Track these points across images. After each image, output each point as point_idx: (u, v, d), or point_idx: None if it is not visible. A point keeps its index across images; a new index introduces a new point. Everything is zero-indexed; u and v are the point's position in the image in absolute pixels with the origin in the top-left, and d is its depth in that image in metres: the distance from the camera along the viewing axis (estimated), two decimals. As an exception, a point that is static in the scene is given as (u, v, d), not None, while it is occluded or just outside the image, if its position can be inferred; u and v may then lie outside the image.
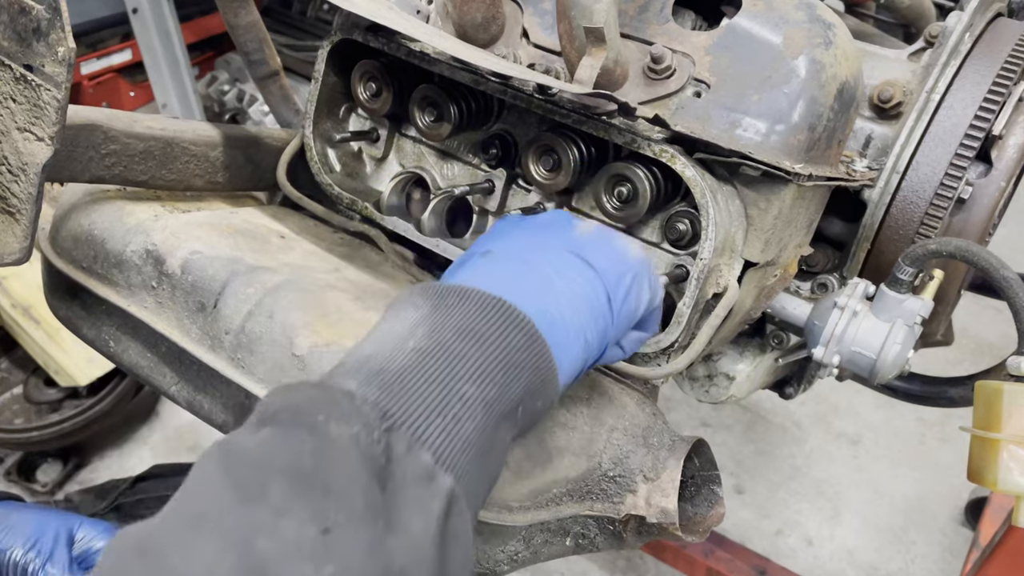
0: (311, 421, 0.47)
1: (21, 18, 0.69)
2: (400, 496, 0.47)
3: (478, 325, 0.55)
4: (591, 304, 0.63)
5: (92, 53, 2.67)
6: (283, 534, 0.42)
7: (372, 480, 0.46)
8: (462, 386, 0.52)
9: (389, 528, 0.45)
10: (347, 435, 0.46)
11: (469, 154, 0.94)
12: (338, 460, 0.46)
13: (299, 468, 0.45)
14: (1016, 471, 0.80)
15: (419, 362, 0.52)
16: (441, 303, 0.57)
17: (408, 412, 0.50)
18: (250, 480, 0.44)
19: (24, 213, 0.74)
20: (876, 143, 0.94)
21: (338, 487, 0.45)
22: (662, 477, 0.71)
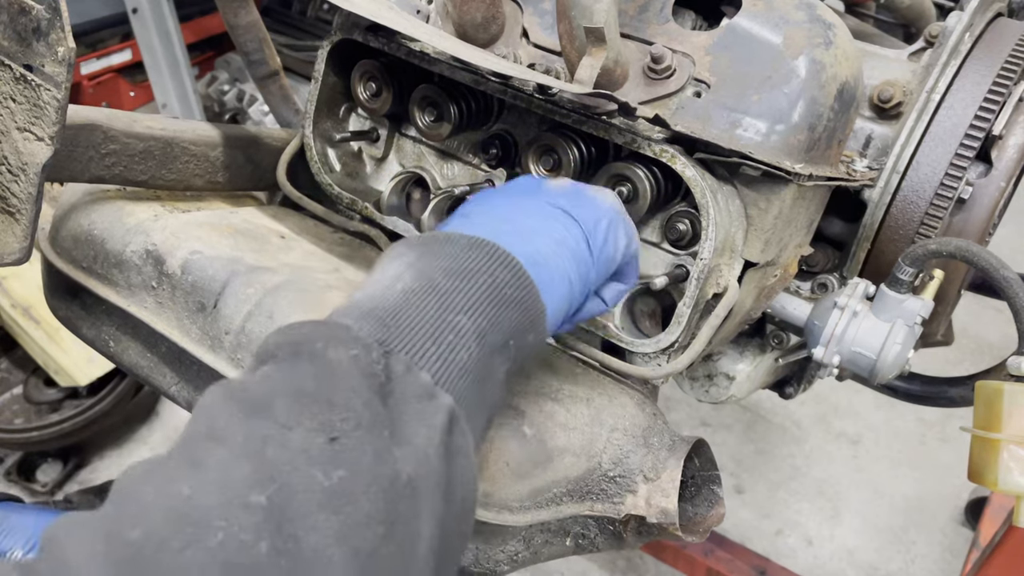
0: (310, 349, 0.49)
1: (21, 18, 0.69)
2: (402, 410, 0.48)
3: (465, 264, 0.57)
4: (572, 248, 0.64)
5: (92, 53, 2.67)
6: (292, 443, 0.43)
7: (374, 395, 0.47)
8: (454, 317, 0.54)
9: (394, 438, 0.47)
10: (346, 357, 0.48)
11: (469, 154, 0.93)
12: (340, 377, 0.47)
13: (302, 388, 0.46)
14: (1016, 471, 0.80)
15: (409, 300, 0.54)
16: (427, 250, 0.58)
17: (404, 340, 0.52)
18: (255, 401, 0.46)
19: (24, 213, 0.74)
20: (876, 143, 0.94)
21: (341, 401, 0.46)
22: (662, 477, 0.71)
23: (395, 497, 0.45)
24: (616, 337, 0.80)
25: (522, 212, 0.65)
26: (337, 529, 0.42)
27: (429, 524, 0.47)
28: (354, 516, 0.43)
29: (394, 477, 0.46)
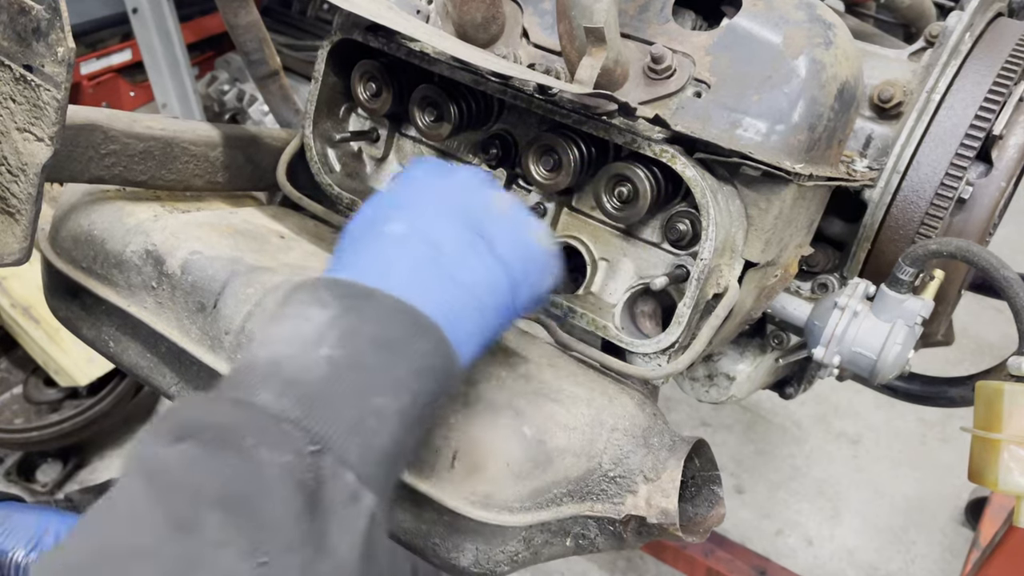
0: (238, 444, 0.47)
1: (21, 18, 0.69)
2: (329, 520, 0.48)
3: (388, 333, 0.56)
4: (494, 298, 0.63)
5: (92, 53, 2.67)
6: (221, 567, 0.43)
7: (303, 509, 0.47)
8: (378, 399, 0.53)
9: (319, 553, 0.46)
10: (279, 463, 0.47)
11: (469, 154, 0.93)
12: (273, 489, 0.46)
13: (233, 497, 0.45)
14: (1016, 471, 0.80)
15: (334, 374, 0.53)
16: (351, 306, 0.56)
17: (329, 431, 0.50)
18: (184, 510, 0.44)
19: (24, 213, 0.74)
20: (876, 143, 0.94)
21: (273, 519, 0.45)
22: (662, 477, 0.71)
23: None
24: (616, 337, 0.80)
25: (452, 238, 0.62)
26: None
27: None
28: None
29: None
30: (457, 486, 0.68)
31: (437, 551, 0.70)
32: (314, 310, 0.56)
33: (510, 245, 0.65)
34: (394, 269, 0.59)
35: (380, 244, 0.62)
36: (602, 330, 0.81)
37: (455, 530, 0.69)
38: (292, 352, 0.53)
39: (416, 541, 0.70)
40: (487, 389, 0.71)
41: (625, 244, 0.85)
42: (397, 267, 0.60)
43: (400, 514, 0.71)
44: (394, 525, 0.71)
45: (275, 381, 0.52)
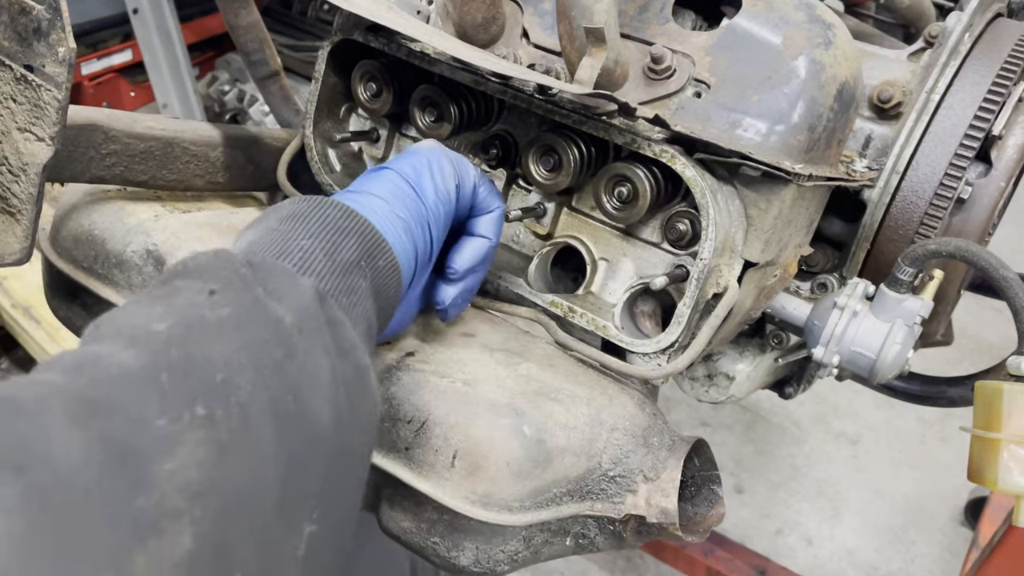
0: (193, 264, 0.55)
1: (22, 18, 0.69)
2: (271, 279, 0.54)
3: (296, 210, 0.63)
4: (394, 191, 0.69)
5: (92, 53, 2.67)
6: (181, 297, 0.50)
7: (243, 267, 0.54)
8: (300, 242, 0.60)
9: (269, 294, 0.52)
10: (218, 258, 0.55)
11: (469, 154, 0.94)
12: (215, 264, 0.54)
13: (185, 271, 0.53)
14: (1016, 471, 0.80)
15: (257, 241, 0.60)
16: (258, 217, 0.64)
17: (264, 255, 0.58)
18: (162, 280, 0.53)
19: (24, 213, 0.74)
20: (876, 143, 0.94)
21: (216, 272, 0.53)
22: (662, 477, 0.71)
23: (284, 333, 0.51)
24: (616, 337, 0.80)
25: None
26: (238, 345, 0.48)
27: (326, 359, 0.52)
28: (249, 338, 0.49)
29: (278, 320, 0.51)
30: (457, 485, 0.68)
31: (437, 550, 0.70)
32: (268, 212, 0.65)
33: (395, 160, 0.73)
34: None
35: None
36: (602, 330, 0.81)
37: (455, 529, 0.69)
38: (257, 233, 0.61)
39: (416, 540, 0.71)
40: (487, 389, 0.71)
41: (625, 244, 0.86)
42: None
43: (400, 514, 0.71)
44: (394, 525, 0.72)
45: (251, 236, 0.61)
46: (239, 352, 0.47)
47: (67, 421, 0.39)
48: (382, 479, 0.71)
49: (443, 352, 0.76)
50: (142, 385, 0.43)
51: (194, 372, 0.45)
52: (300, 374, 0.50)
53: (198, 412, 0.43)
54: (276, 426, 0.46)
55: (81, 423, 0.39)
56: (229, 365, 0.46)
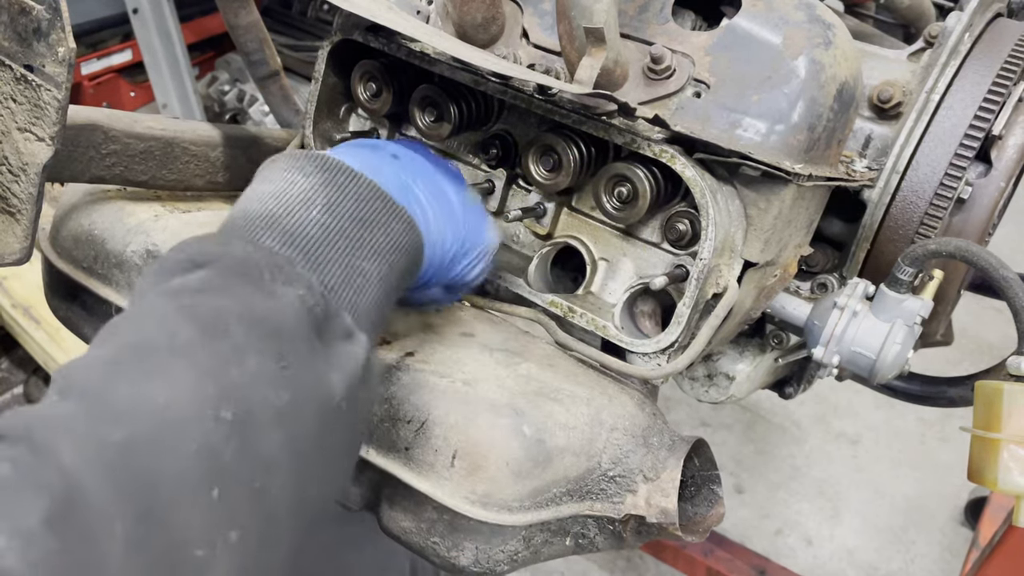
0: (257, 276, 0.54)
1: (21, 18, 0.69)
2: (332, 350, 0.56)
3: (369, 213, 0.63)
4: (444, 207, 0.72)
5: (92, 53, 2.67)
6: (249, 366, 0.49)
7: (312, 332, 0.54)
8: (361, 263, 0.60)
9: (329, 367, 0.54)
10: (293, 294, 0.54)
11: (469, 154, 0.94)
12: (287, 312, 0.53)
13: (255, 316, 0.52)
14: (1016, 471, 0.80)
15: (324, 236, 0.59)
16: (333, 180, 0.62)
17: (327, 279, 0.58)
18: (212, 319, 0.50)
19: (24, 213, 0.74)
20: (876, 143, 0.94)
21: (289, 334, 0.52)
22: (662, 477, 0.71)
23: (328, 415, 0.54)
24: (616, 337, 0.80)
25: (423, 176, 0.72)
26: (283, 440, 0.49)
27: (349, 435, 0.58)
28: (296, 430, 0.51)
29: (328, 398, 0.54)
30: (457, 485, 0.68)
31: (437, 550, 0.70)
32: (298, 177, 0.62)
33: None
34: (368, 167, 0.66)
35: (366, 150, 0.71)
36: (602, 330, 0.81)
37: (455, 529, 0.69)
38: (286, 211, 0.59)
39: (416, 540, 0.71)
40: (487, 389, 0.71)
41: (625, 244, 0.86)
42: (370, 167, 0.67)
43: (400, 513, 0.71)
44: (394, 525, 0.72)
45: (277, 232, 0.58)
46: (282, 450, 0.49)
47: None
48: (382, 479, 0.71)
49: (443, 352, 0.76)
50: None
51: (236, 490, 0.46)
52: (326, 457, 0.55)
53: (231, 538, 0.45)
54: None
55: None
56: (272, 461, 0.49)
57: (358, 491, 0.74)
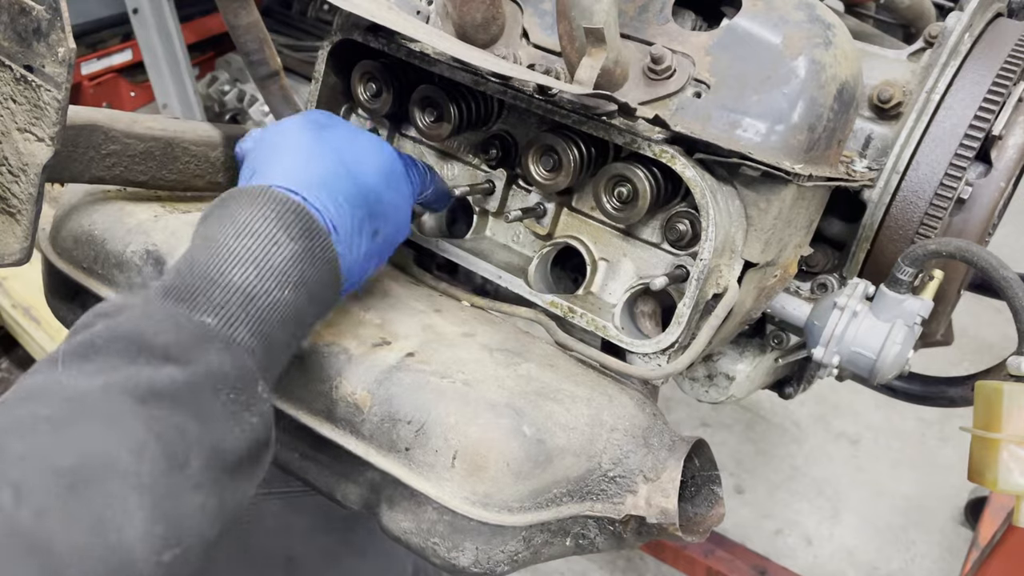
0: (225, 397, 0.54)
1: (21, 18, 0.69)
2: (260, 464, 0.59)
3: (323, 291, 0.65)
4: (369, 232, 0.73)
5: (92, 53, 2.67)
6: (196, 504, 0.51)
7: (253, 461, 0.57)
8: (295, 344, 0.65)
9: (253, 486, 0.58)
10: (250, 425, 0.56)
11: (469, 154, 0.94)
12: (242, 448, 0.55)
13: (214, 448, 0.53)
14: (1016, 471, 0.80)
15: (285, 321, 0.61)
16: (310, 249, 0.63)
17: (274, 369, 0.62)
18: (174, 449, 0.50)
19: (24, 214, 0.74)
20: (876, 143, 0.94)
21: (240, 470, 0.55)
22: (662, 477, 0.71)
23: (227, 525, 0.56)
24: (616, 337, 0.80)
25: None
26: (202, 560, 0.52)
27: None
28: (217, 548, 0.53)
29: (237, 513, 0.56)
30: (457, 486, 0.68)
31: (437, 551, 0.70)
32: (282, 236, 0.62)
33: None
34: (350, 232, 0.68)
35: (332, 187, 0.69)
36: (602, 330, 0.81)
37: (455, 530, 0.69)
38: (264, 291, 0.60)
39: (416, 541, 0.71)
40: (487, 389, 0.71)
41: (625, 244, 0.86)
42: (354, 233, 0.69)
43: (400, 514, 0.71)
44: (394, 525, 0.72)
45: (251, 318, 0.59)
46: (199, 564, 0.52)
47: None
48: (382, 479, 0.71)
49: (443, 352, 0.76)
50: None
51: None
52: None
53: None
54: None
55: None
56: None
57: (358, 491, 0.74)
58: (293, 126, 0.73)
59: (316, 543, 1.13)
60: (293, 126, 0.73)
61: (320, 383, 0.73)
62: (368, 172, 0.72)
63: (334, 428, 0.73)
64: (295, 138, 0.71)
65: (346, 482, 0.74)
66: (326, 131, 0.72)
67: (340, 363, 0.73)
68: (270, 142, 0.72)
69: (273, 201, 0.63)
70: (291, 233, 0.62)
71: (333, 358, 0.74)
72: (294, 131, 0.72)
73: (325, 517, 1.13)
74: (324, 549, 1.13)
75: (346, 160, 0.70)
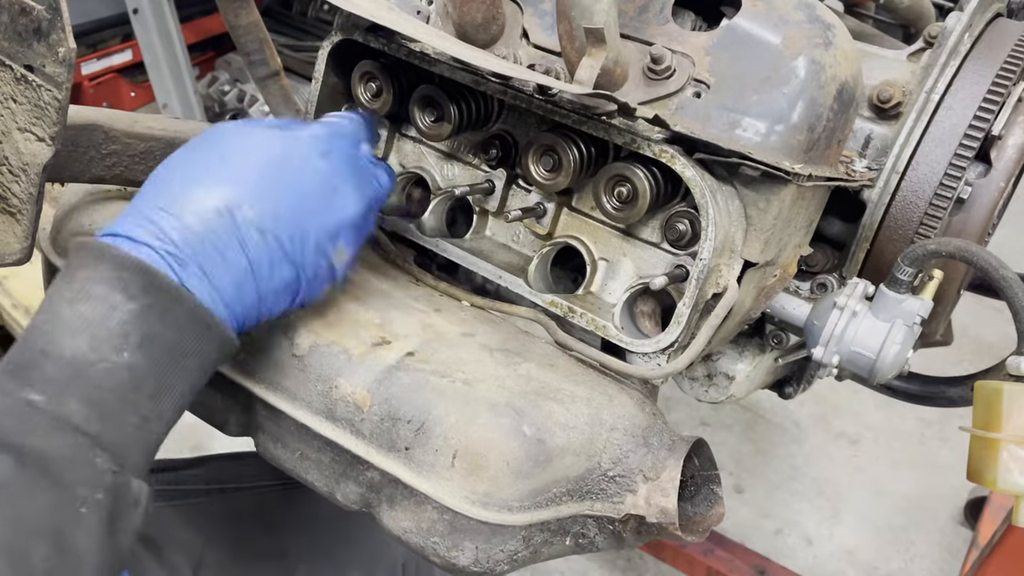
0: (60, 476, 0.53)
1: (22, 18, 0.69)
2: (119, 529, 0.56)
3: (185, 342, 0.61)
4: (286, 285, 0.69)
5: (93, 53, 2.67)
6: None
7: (108, 531, 0.55)
8: (163, 404, 0.60)
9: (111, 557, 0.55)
10: (92, 500, 0.54)
11: (469, 154, 0.94)
12: (88, 525, 0.53)
13: (55, 531, 0.51)
14: (1016, 471, 0.80)
15: (131, 382, 0.58)
16: (156, 302, 0.59)
17: (123, 442, 0.57)
18: (16, 539, 0.49)
19: (25, 213, 0.74)
20: (875, 143, 0.94)
21: (84, 550, 0.52)
22: (662, 477, 0.71)
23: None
24: (616, 337, 0.80)
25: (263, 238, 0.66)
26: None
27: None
28: None
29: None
30: (457, 485, 0.68)
31: (437, 550, 0.70)
32: (119, 297, 0.58)
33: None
34: (217, 273, 0.63)
35: (214, 214, 0.64)
36: (602, 330, 0.81)
37: (455, 529, 0.69)
38: (97, 356, 0.57)
39: (415, 540, 0.71)
40: (487, 389, 0.71)
41: (625, 244, 0.86)
42: (221, 271, 0.63)
43: (400, 513, 0.71)
44: (394, 524, 0.72)
45: (82, 388, 0.56)
46: None
47: None
48: (382, 479, 0.71)
49: (443, 352, 0.76)
50: None
51: None
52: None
53: None
54: None
55: None
56: None
57: (358, 491, 0.74)
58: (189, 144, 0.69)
59: (308, 535, 1.13)
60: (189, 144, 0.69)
61: (320, 383, 0.74)
62: (249, 167, 0.67)
63: (334, 428, 0.73)
64: (180, 156, 0.68)
65: (346, 481, 0.74)
66: (213, 142, 0.68)
67: (340, 363, 0.74)
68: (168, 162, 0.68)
69: (110, 259, 0.59)
70: (129, 292, 0.58)
71: (333, 358, 0.74)
72: (180, 151, 0.68)
73: (317, 509, 1.14)
74: (316, 540, 1.13)
75: (222, 174, 0.66)
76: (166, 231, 0.62)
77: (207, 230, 0.63)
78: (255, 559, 1.11)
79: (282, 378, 0.75)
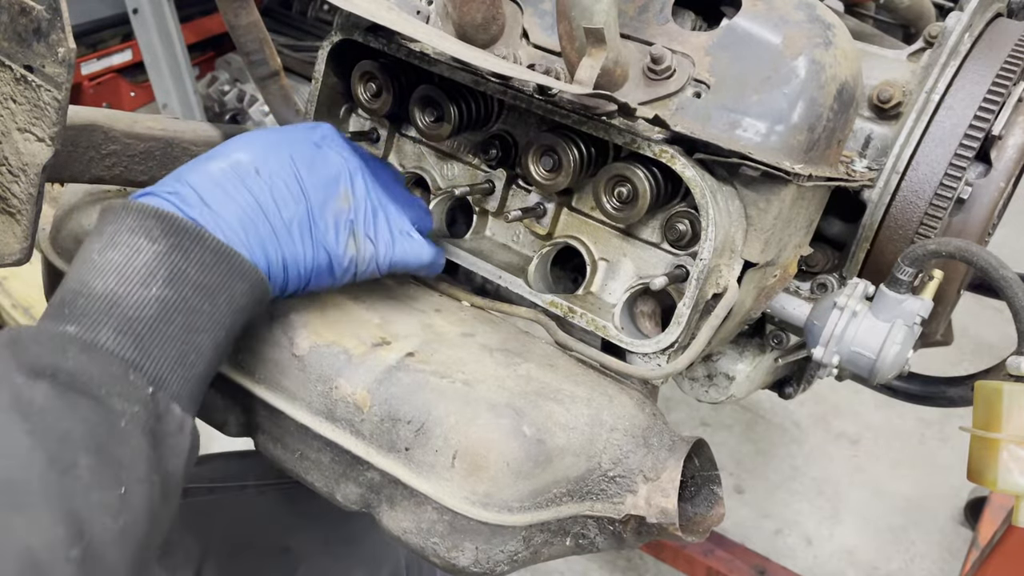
0: (94, 393, 0.56)
1: (21, 18, 0.69)
2: (165, 449, 0.60)
3: (211, 279, 0.64)
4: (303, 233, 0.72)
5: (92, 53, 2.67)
6: (95, 500, 0.53)
7: (149, 445, 0.58)
8: (198, 337, 0.63)
9: (158, 472, 0.59)
10: (129, 413, 0.57)
11: (469, 154, 0.94)
12: (127, 437, 0.57)
13: (97, 443, 0.55)
14: (1016, 471, 0.80)
15: (163, 315, 0.61)
16: (177, 244, 0.63)
17: (161, 370, 0.61)
18: (60, 452, 0.53)
19: (24, 213, 0.74)
20: (876, 143, 0.94)
21: (129, 460, 0.56)
22: (662, 477, 0.71)
23: (158, 506, 0.59)
24: (616, 337, 0.80)
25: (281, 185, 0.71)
26: (119, 554, 0.54)
27: (169, 516, 0.62)
28: (133, 536, 0.56)
29: (156, 498, 0.58)
30: (457, 486, 0.68)
31: (437, 550, 0.70)
32: (142, 242, 0.63)
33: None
34: (226, 210, 0.67)
35: (219, 168, 0.70)
36: (602, 330, 0.81)
37: (455, 529, 0.69)
38: (126, 290, 0.61)
39: (416, 540, 0.71)
40: (487, 389, 0.71)
41: (625, 244, 0.86)
42: (229, 208, 0.68)
43: (400, 514, 0.71)
44: (394, 525, 0.72)
45: (115, 319, 0.60)
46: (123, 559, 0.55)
47: None
48: (382, 479, 0.71)
49: (443, 352, 0.76)
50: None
51: None
52: (152, 544, 0.60)
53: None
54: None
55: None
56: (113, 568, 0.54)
57: (358, 491, 0.74)
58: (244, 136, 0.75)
59: (310, 533, 1.13)
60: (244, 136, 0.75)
61: (320, 383, 0.74)
62: (254, 141, 0.73)
63: (334, 428, 0.73)
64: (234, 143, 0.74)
65: (346, 482, 0.74)
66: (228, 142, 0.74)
67: (340, 363, 0.74)
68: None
69: (133, 212, 0.64)
70: (152, 236, 0.63)
71: (333, 358, 0.74)
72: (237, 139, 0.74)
73: (319, 507, 1.14)
74: (318, 539, 1.13)
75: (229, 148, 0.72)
76: (178, 190, 0.68)
77: (211, 178, 0.69)
78: (257, 558, 1.11)
79: (282, 378, 0.75)
